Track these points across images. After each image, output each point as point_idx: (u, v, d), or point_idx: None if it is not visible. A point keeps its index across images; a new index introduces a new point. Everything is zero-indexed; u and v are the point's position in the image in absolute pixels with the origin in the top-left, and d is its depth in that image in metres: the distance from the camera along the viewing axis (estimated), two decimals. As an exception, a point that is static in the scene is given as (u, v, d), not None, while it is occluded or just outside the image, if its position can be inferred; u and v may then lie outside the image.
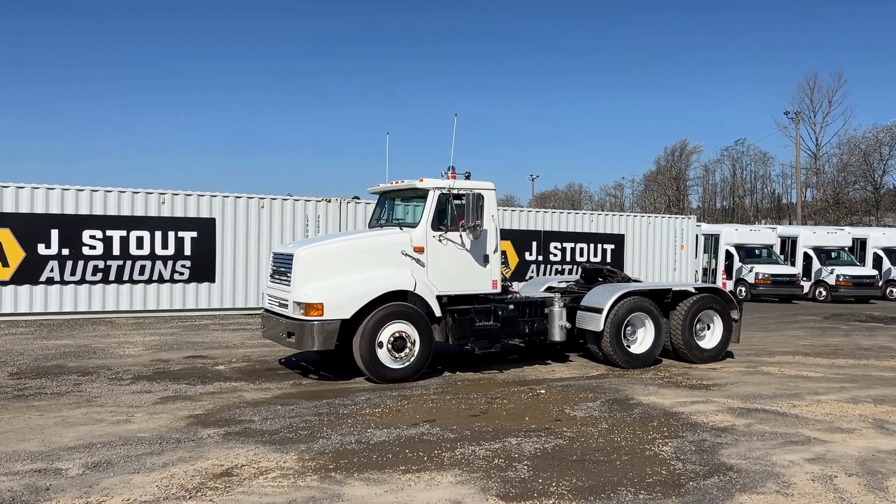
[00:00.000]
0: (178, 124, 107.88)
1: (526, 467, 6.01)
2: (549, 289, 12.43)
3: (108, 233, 16.85)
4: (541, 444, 6.70)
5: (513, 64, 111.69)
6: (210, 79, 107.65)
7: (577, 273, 14.33)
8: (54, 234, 16.34)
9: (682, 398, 8.92)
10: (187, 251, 17.67)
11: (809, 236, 29.46)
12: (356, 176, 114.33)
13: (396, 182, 10.57)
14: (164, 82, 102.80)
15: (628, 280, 12.70)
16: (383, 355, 9.38)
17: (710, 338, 11.77)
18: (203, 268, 17.85)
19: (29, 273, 16.15)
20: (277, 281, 9.99)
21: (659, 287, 11.97)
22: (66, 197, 16.60)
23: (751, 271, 27.13)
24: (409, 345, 9.52)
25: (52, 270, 16.35)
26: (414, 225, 10.07)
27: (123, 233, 17.00)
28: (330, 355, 10.12)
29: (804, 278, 27.97)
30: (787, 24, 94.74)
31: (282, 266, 9.91)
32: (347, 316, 9.18)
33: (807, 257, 28.80)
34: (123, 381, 9.49)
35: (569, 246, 22.83)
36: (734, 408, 8.41)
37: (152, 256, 17.30)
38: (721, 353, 11.80)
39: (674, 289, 11.69)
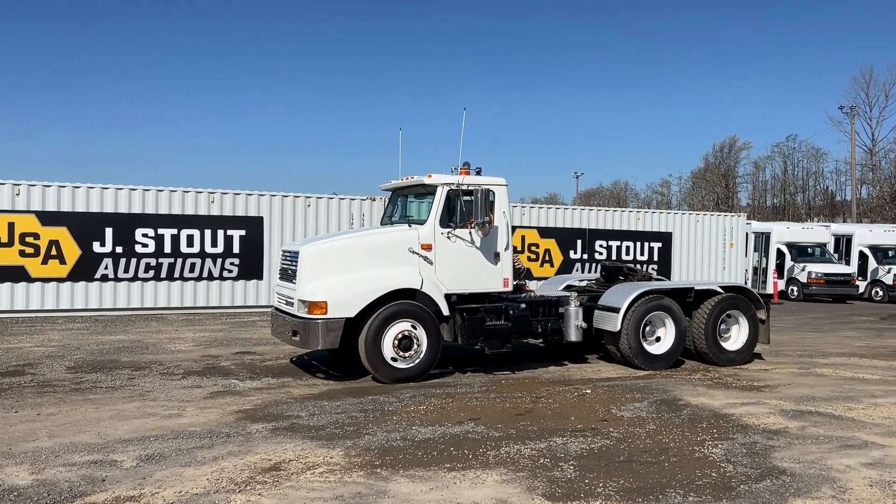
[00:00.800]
0: (217, 125, 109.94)
1: (572, 467, 5.95)
2: (568, 287, 12.15)
3: (160, 231, 17.30)
4: (587, 445, 6.63)
5: (557, 61, 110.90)
6: (242, 81, 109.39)
7: (598, 272, 13.93)
8: (109, 232, 16.84)
9: (733, 399, 8.74)
10: (236, 249, 18.03)
11: (865, 234, 28.60)
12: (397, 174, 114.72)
13: (407, 178, 10.46)
14: (203, 83, 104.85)
15: (649, 279, 12.39)
16: (389, 354, 9.25)
17: (736, 339, 11.35)
18: (251, 265, 18.17)
19: (84, 270, 16.67)
20: (285, 278, 9.90)
21: (680, 286, 11.59)
22: (119, 196, 17.09)
23: (803, 270, 26.45)
24: (415, 344, 9.37)
25: (106, 268, 16.85)
26: (423, 222, 9.90)
27: (174, 231, 17.42)
28: (341, 354, 10.10)
29: (859, 278, 27.15)
30: (841, 16, 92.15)
31: (289, 264, 9.81)
32: (352, 314, 9.08)
33: (862, 256, 27.96)
34: (174, 375, 9.71)
35: (615, 244, 22.58)
36: (787, 410, 8.20)
37: (202, 254, 17.68)
38: (747, 355, 11.35)
39: (696, 288, 11.27)
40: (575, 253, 22.08)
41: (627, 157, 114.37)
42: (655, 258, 23.12)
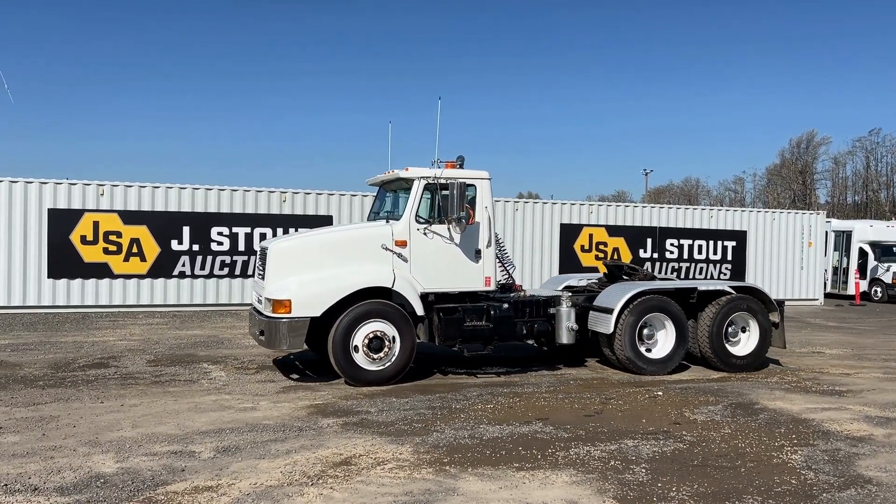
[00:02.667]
0: (282, 125, 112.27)
1: (644, 470, 5.84)
2: (568, 287, 11.64)
3: (234, 230, 17.83)
4: (659, 448, 6.50)
5: (624, 55, 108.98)
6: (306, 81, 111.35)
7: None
8: (186, 231, 17.45)
9: (813, 404, 8.41)
10: (306, 247, 18.36)
11: (866, 230, 27.00)
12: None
13: (388, 173, 9.99)
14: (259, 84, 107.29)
15: (652, 278, 11.64)
16: (359, 356, 8.90)
17: (746, 343, 10.61)
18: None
19: (163, 267, 17.34)
20: (259, 277, 9.66)
21: (680, 285, 10.80)
22: (196, 196, 17.68)
23: (888, 270, 25.25)
24: (387, 345, 8.98)
25: (183, 265, 17.48)
26: (400, 218, 9.47)
27: (248, 230, 17.93)
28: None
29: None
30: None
31: (261, 261, 9.55)
32: (317, 314, 8.77)
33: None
34: (249, 370, 9.98)
35: (686, 243, 22.06)
36: (871, 416, 7.84)
37: (274, 252, 18.08)
38: (757, 360, 10.60)
39: (700, 288, 10.59)
40: (645, 252, 21.66)
41: (699, 153, 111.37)
42: (729, 257, 22.48)
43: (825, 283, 24.87)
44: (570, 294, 10.64)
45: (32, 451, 6.07)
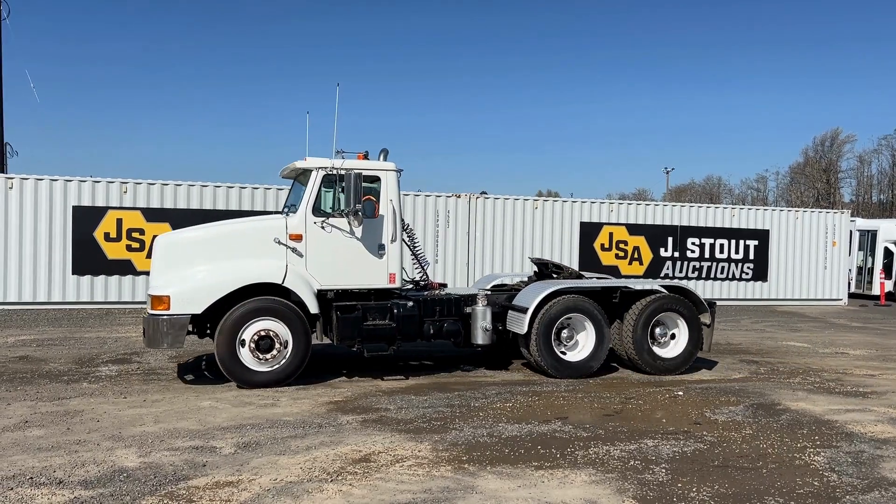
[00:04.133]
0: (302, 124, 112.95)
1: (664, 470, 5.81)
2: (499, 286, 11.16)
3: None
4: (679, 448, 6.45)
5: (648, 54, 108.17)
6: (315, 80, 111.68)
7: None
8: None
9: (836, 405, 8.30)
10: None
11: (891, 229, 26.49)
12: (482, 172, 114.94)
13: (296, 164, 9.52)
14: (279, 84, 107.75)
15: (578, 276, 10.97)
16: (246, 356, 8.50)
17: (674, 345, 10.07)
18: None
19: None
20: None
21: (600, 284, 10.24)
22: (217, 193, 17.83)
23: (914, 271, 24.85)
24: (278, 345, 8.57)
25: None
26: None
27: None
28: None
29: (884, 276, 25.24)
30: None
31: (151, 255, 9.19)
32: (198, 311, 8.40)
33: (888, 254, 25.90)
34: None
35: (707, 242, 21.87)
36: (896, 418, 7.73)
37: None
38: (686, 363, 10.07)
39: (622, 287, 10.14)
40: (665, 251, 21.51)
41: (721, 151, 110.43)
42: (751, 256, 22.25)
43: (849, 283, 24.50)
44: (486, 293, 10.14)
45: (57, 445, 6.17)
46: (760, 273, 22.38)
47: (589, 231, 20.87)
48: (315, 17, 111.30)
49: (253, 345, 8.53)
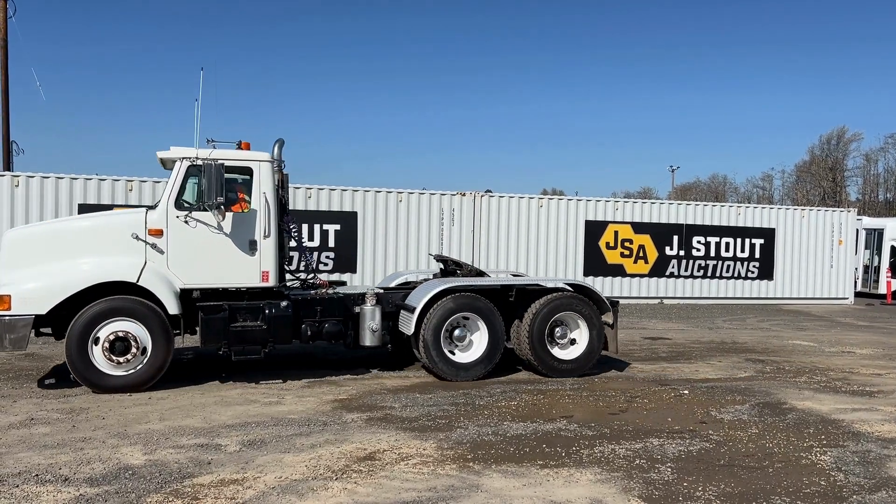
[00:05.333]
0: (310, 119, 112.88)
1: (669, 469, 5.79)
2: (404, 283, 10.64)
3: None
4: (685, 447, 6.43)
5: (653, 52, 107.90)
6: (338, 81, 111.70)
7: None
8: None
9: (843, 405, 8.27)
10: (331, 243, 18.50)
11: None
12: (487, 170, 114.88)
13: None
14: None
15: (479, 274, 10.56)
16: (99, 359, 7.98)
17: (574, 346, 9.66)
18: (346, 259, 18.60)
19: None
20: None
21: (495, 283, 9.86)
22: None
23: (921, 269, 24.74)
24: (135, 348, 8.05)
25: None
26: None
27: (273, 225, 18.01)
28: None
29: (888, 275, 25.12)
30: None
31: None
32: (42, 311, 7.87)
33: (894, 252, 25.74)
34: (275, 364, 10.04)
35: (713, 240, 21.81)
36: (904, 418, 7.69)
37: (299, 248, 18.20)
38: (586, 365, 9.64)
39: (517, 285, 9.71)
40: (671, 249, 21.46)
41: (726, 150, 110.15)
42: (757, 255, 22.18)
43: (855, 282, 24.40)
44: (378, 292, 9.67)
45: (63, 443, 6.18)
46: (766, 272, 22.31)
47: (594, 229, 20.84)
48: (317, 17, 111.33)
49: (107, 347, 7.99)
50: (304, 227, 18.20)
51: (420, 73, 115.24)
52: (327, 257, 18.47)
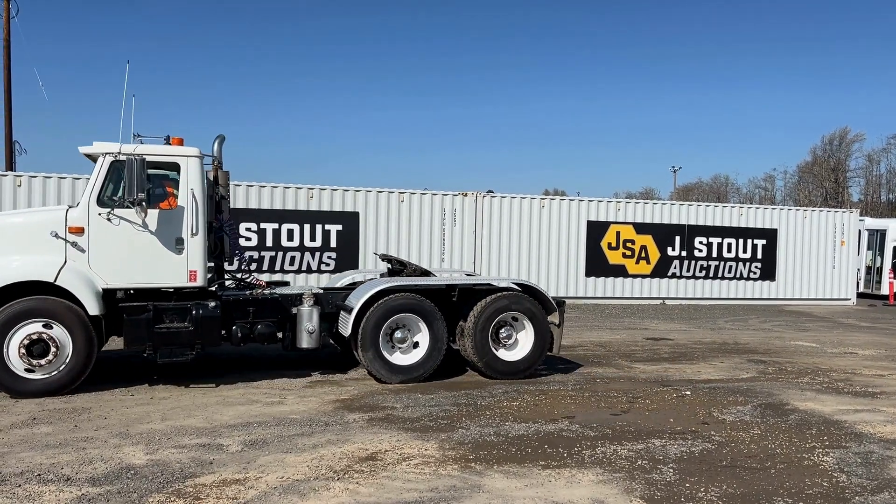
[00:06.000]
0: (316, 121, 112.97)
1: (671, 470, 5.78)
2: (352, 283, 10.28)
3: (262, 225, 17.99)
4: (687, 448, 6.43)
5: (655, 52, 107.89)
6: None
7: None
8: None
9: (845, 406, 8.26)
10: (333, 243, 18.52)
11: None
12: (489, 170, 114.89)
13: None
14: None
15: (424, 273, 10.25)
16: (15, 362, 7.70)
17: (519, 347, 9.43)
18: (348, 259, 18.60)
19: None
20: None
21: (435, 283, 9.51)
22: (225, 192, 17.82)
23: (923, 270, 24.69)
24: (54, 350, 7.78)
25: (212, 260, 17.64)
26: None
27: (276, 225, 18.08)
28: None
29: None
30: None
31: None
32: None
33: None
34: (276, 364, 10.05)
35: (715, 241, 21.79)
36: (906, 419, 7.68)
37: (301, 248, 18.26)
38: (532, 366, 9.42)
39: (460, 284, 9.43)
40: (673, 250, 21.44)
41: (728, 150, 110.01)
42: (759, 256, 22.16)
43: (858, 283, 24.37)
44: (318, 292, 9.43)
45: (65, 442, 6.18)
46: (768, 272, 22.29)
47: (596, 230, 20.83)
48: (319, 16, 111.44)
49: (23, 350, 7.70)
50: (307, 227, 18.23)
51: (422, 73, 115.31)
52: (329, 258, 18.49)
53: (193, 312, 8.38)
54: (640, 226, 21.23)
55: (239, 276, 9.75)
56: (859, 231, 24.12)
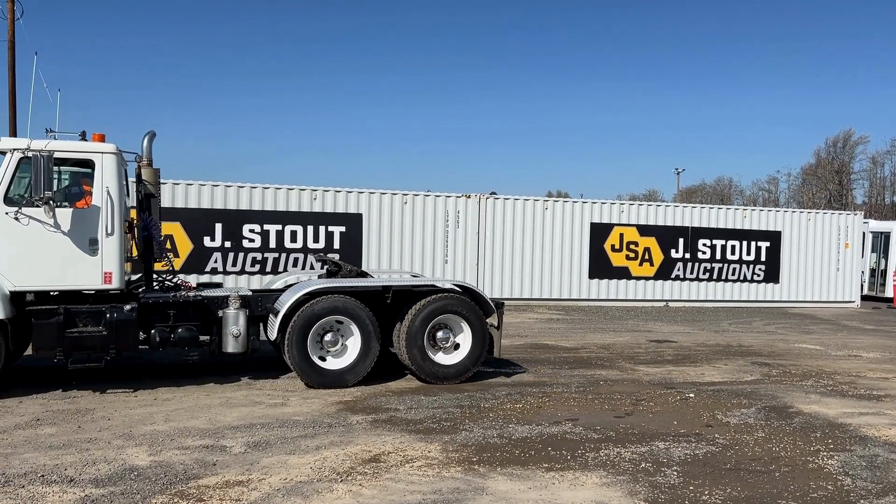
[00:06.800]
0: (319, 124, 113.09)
1: (675, 473, 5.77)
2: (288, 286, 9.89)
3: (266, 227, 18.04)
4: (691, 450, 6.41)
5: (658, 54, 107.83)
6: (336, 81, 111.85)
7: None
8: (218, 227, 17.67)
9: (850, 409, 8.23)
10: (336, 244, 18.54)
11: None
12: (492, 172, 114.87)
13: None
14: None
15: (360, 274, 9.99)
16: None
17: (458, 351, 9.16)
18: (351, 260, 18.48)
19: (196, 264, 17.55)
20: None
21: (367, 285, 9.18)
22: (228, 193, 17.88)
23: (928, 273, 24.61)
24: None
25: (216, 261, 17.71)
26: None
27: (279, 227, 18.11)
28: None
29: None
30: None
31: None
32: None
33: None
34: (279, 366, 10.04)
35: (719, 243, 21.77)
36: (911, 422, 7.65)
37: (304, 249, 18.28)
38: (469, 370, 9.14)
39: (394, 286, 9.14)
40: (676, 252, 21.41)
41: (731, 152, 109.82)
42: (763, 258, 22.13)
43: (862, 286, 24.32)
44: (246, 294, 9.15)
45: (68, 443, 6.19)
46: (772, 275, 22.25)
47: (599, 232, 20.81)
48: (321, 17, 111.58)
49: None
50: (310, 228, 18.25)
51: (425, 74, 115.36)
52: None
53: (108, 316, 8.06)
54: (644, 228, 21.21)
55: (162, 277, 9.38)
56: (863, 233, 24.07)
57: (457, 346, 9.23)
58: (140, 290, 8.95)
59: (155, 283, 9.34)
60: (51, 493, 5.01)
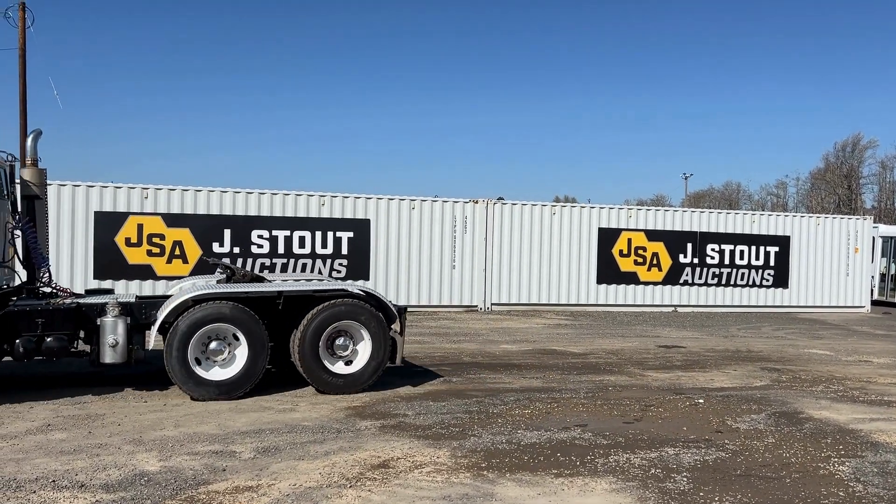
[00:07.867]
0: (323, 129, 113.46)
1: (685, 479, 5.74)
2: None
3: (274, 233, 18.10)
4: (701, 456, 6.39)
5: (665, 59, 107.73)
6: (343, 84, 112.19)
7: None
8: (227, 233, 17.74)
9: (861, 414, 8.19)
10: (344, 250, 18.59)
11: None
12: (499, 178, 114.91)
13: None
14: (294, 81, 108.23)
15: (257, 279, 9.30)
16: None
17: (357, 359, 8.71)
18: (359, 266, 18.67)
19: (204, 270, 17.48)
20: None
21: (254, 290, 8.55)
22: (237, 199, 17.98)
23: (938, 277, 24.49)
24: None
25: (224, 267, 17.73)
26: None
27: (287, 232, 18.18)
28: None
29: None
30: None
31: None
32: None
33: None
34: (288, 371, 10.05)
35: (727, 248, 21.71)
36: (923, 428, 7.60)
37: (313, 255, 18.34)
38: (369, 379, 8.70)
39: (285, 292, 8.61)
40: (685, 257, 21.37)
41: (740, 157, 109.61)
42: (772, 263, 22.06)
43: (872, 290, 24.21)
44: (126, 301, 8.53)
45: (79, 449, 6.22)
46: (781, 280, 22.16)
47: (607, 237, 20.79)
48: (323, 17, 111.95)
49: None
50: (318, 234, 18.30)
51: (432, 80, 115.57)
52: (341, 265, 18.55)
53: None
54: (652, 233, 21.17)
55: (39, 284, 8.86)
56: (873, 238, 23.98)
57: (355, 354, 8.77)
58: (14, 298, 8.30)
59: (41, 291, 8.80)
60: (62, 499, 5.03)
